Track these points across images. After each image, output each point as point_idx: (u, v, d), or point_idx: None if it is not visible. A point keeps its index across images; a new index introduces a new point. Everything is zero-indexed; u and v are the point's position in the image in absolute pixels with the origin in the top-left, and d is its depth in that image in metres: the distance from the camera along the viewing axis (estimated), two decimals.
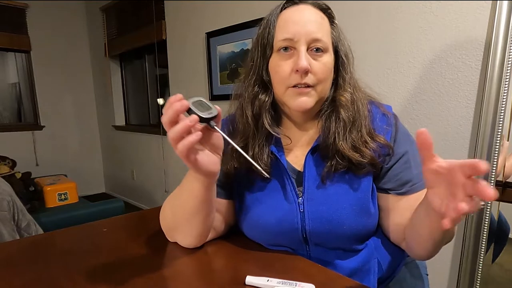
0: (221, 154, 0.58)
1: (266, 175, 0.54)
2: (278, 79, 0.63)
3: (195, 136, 0.48)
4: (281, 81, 0.63)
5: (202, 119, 0.50)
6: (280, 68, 0.62)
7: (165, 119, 0.49)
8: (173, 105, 0.48)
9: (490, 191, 0.36)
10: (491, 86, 1.18)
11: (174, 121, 0.49)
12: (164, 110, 0.49)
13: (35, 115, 3.69)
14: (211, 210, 0.64)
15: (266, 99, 0.66)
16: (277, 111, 0.70)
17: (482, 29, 1.21)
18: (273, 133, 0.66)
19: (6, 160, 2.77)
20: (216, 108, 0.53)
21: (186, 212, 0.63)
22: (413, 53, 1.41)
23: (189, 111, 0.49)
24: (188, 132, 0.49)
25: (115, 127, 3.84)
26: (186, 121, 0.48)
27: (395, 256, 0.68)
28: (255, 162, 0.51)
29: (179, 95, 0.49)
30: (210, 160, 0.55)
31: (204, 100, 0.53)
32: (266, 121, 0.65)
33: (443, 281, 1.41)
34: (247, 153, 0.63)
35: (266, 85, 0.67)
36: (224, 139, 0.54)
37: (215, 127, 0.51)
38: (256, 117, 0.66)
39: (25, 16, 3.46)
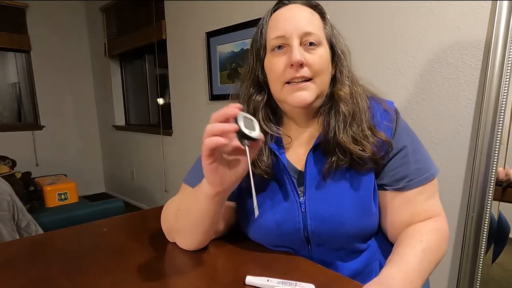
0: (240, 181, 0.58)
1: (257, 212, 0.52)
2: (274, 77, 0.63)
3: (223, 140, 0.49)
4: (276, 78, 0.63)
5: (240, 132, 0.50)
6: (275, 66, 0.62)
7: (215, 115, 0.51)
8: (228, 107, 0.51)
9: None
10: (491, 86, 1.18)
11: (219, 121, 0.51)
12: (221, 110, 0.52)
13: (35, 115, 3.69)
14: (216, 221, 0.64)
15: (261, 98, 0.67)
16: (276, 112, 0.70)
17: (482, 29, 1.21)
18: (270, 131, 0.65)
19: (6, 160, 2.77)
20: (260, 134, 0.52)
21: (190, 220, 0.63)
22: (413, 53, 1.41)
23: (236, 121, 0.51)
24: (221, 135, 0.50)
25: (115, 127, 3.84)
26: (227, 125, 0.50)
27: None
28: (256, 200, 0.50)
29: (239, 105, 0.51)
30: (228, 177, 0.55)
31: (255, 121, 0.53)
32: (261, 116, 0.65)
33: (443, 281, 1.41)
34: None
35: (261, 85, 0.67)
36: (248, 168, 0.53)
37: (247, 147, 0.51)
38: None
39: (25, 16, 3.46)
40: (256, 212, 0.50)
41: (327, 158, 0.63)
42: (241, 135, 0.50)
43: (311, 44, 0.61)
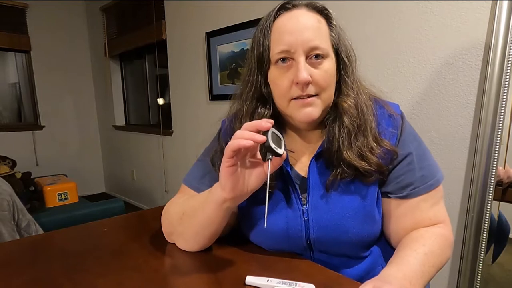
0: (249, 196, 0.58)
1: (265, 224, 0.55)
2: (279, 93, 0.61)
3: (246, 142, 0.50)
4: (282, 94, 0.61)
5: (267, 145, 0.51)
6: (280, 82, 0.60)
7: (247, 124, 0.53)
8: (260, 120, 0.53)
9: None
10: (491, 86, 1.18)
11: (250, 130, 0.53)
12: (254, 121, 0.54)
13: (35, 115, 3.69)
14: (222, 228, 0.64)
15: (265, 112, 0.64)
16: (279, 122, 0.68)
17: (482, 29, 1.21)
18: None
19: (6, 160, 2.77)
20: (284, 152, 0.54)
21: (195, 225, 0.63)
22: (413, 53, 1.41)
23: (264, 134, 0.53)
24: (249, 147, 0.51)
25: (115, 127, 3.84)
26: (256, 134, 0.51)
27: None
28: (267, 213, 0.52)
29: (272, 121, 0.53)
30: (241, 186, 0.56)
31: (282, 139, 0.55)
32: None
33: (443, 281, 1.41)
34: None
35: (265, 98, 0.64)
36: (266, 180, 0.55)
37: (270, 160, 0.52)
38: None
39: (25, 16, 3.46)
40: (265, 224, 0.51)
41: (331, 170, 0.62)
42: (267, 149, 0.51)
43: (317, 56, 0.58)
